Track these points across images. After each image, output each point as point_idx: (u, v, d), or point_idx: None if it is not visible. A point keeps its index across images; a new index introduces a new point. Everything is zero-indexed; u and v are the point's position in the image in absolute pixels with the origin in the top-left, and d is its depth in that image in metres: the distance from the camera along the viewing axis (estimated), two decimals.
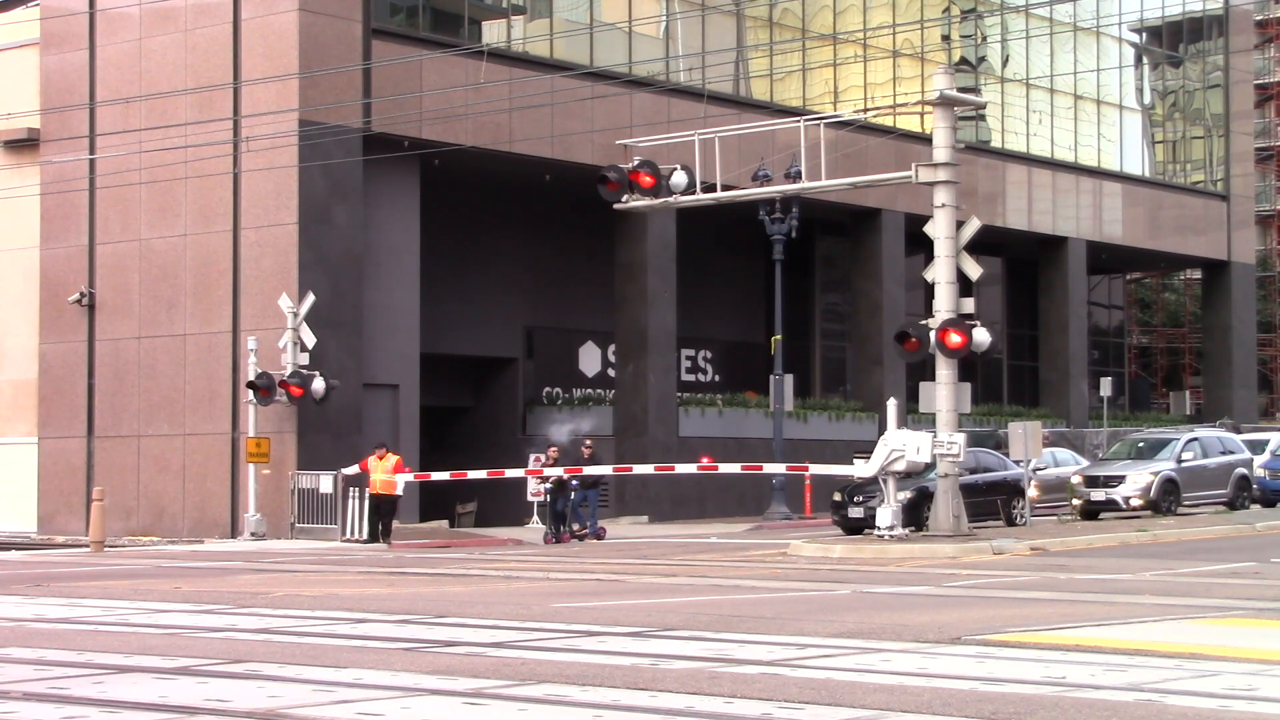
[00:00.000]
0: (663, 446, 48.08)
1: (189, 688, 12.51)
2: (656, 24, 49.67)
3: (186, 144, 41.28)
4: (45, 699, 11.96)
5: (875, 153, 47.51)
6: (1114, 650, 14.78)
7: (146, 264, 43.31)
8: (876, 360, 54.33)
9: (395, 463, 37.30)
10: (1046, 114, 61.44)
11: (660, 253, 48.64)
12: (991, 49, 60.48)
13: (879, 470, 31.32)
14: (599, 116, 45.50)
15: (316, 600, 20.73)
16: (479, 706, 11.65)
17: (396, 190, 43.28)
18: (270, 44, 41.41)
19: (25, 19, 45.92)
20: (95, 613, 19.18)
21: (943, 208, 31.62)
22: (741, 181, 39.32)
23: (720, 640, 15.67)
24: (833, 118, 37.99)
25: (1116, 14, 63.96)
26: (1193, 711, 11.40)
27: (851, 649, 14.89)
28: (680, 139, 35.86)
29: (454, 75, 43.46)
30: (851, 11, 54.95)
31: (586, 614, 18.43)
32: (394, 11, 44.26)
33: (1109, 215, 63.26)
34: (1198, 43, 69.17)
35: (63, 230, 45.04)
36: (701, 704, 11.63)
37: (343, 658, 14.34)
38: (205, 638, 16.38)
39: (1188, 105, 69.53)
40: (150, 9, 43.31)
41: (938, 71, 33.66)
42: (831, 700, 11.70)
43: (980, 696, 11.97)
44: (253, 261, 41.49)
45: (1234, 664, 13.80)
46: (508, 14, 48.46)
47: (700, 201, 34.52)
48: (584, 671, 13.26)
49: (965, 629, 16.30)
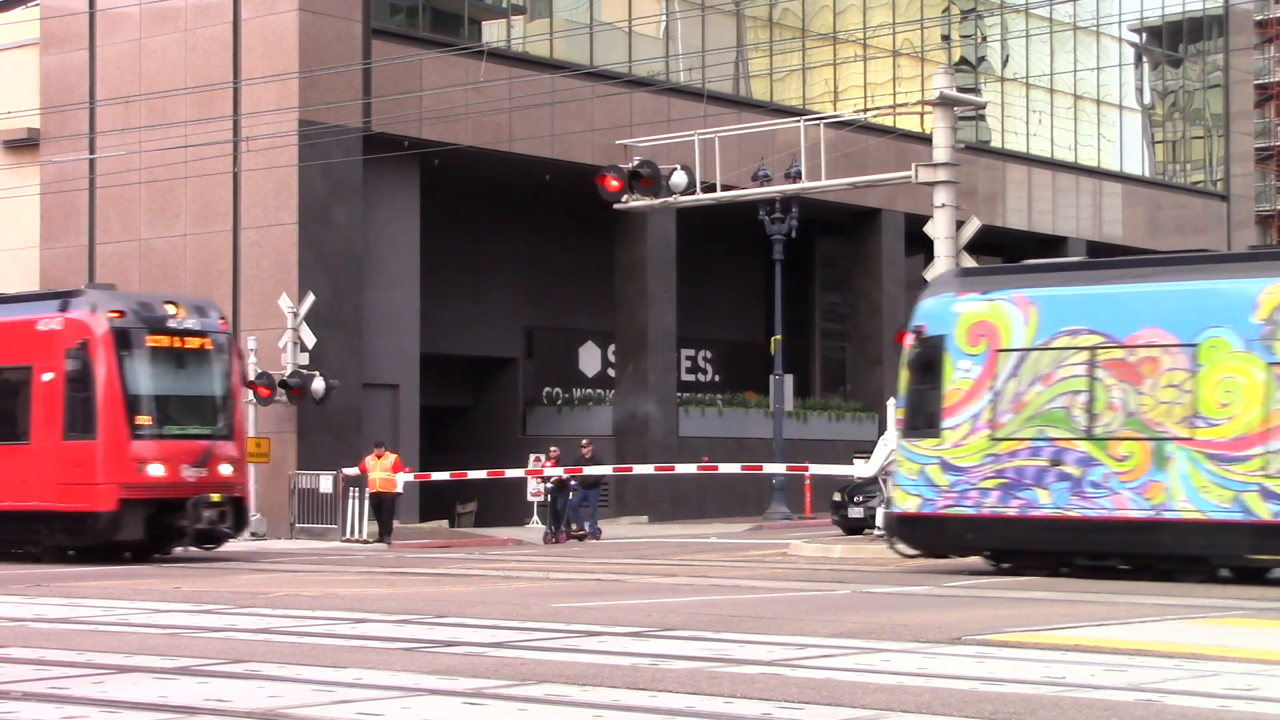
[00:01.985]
0: (663, 446, 48.09)
1: (189, 688, 12.50)
2: (656, 24, 49.67)
3: (186, 144, 41.28)
4: (45, 699, 11.96)
5: (875, 153, 47.49)
6: (1114, 650, 14.78)
7: (146, 264, 43.30)
8: (876, 360, 54.34)
9: (394, 461, 37.31)
10: (1046, 114, 61.45)
11: (660, 253, 48.65)
12: (991, 49, 60.48)
13: (879, 470, 31.31)
14: (599, 116, 45.49)
15: (316, 600, 20.73)
16: (479, 706, 11.64)
17: (396, 190, 43.28)
18: (270, 44, 41.42)
19: (25, 19, 45.93)
20: (95, 612, 19.18)
21: (943, 208, 31.61)
22: (741, 181, 39.30)
23: (720, 640, 15.66)
24: (833, 118, 37.99)
25: (1116, 14, 63.95)
26: (1193, 711, 11.40)
27: (851, 649, 14.89)
28: (680, 139, 35.85)
29: (454, 75, 43.46)
30: (851, 11, 54.95)
31: (586, 614, 18.43)
32: (394, 11, 44.27)
33: (1109, 215, 63.25)
34: (1198, 43, 69.17)
35: (63, 230, 45.05)
36: (701, 704, 11.63)
37: (342, 658, 14.34)
38: (205, 638, 16.38)
39: (1188, 105, 69.53)
40: (150, 9, 43.30)
41: (938, 71, 33.66)
42: (831, 700, 11.70)
43: (980, 696, 11.97)
44: (252, 261, 41.49)
45: (1234, 664, 13.79)
46: (508, 14, 48.47)
47: (700, 201, 34.51)
48: (584, 671, 13.25)
49: (965, 629, 16.30)
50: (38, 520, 29.59)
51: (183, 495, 29.39)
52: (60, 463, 29.28)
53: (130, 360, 29.33)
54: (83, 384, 29.02)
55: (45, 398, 29.52)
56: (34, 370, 29.67)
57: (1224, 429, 23.46)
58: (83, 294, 30.22)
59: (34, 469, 29.47)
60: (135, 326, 29.48)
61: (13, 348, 30.28)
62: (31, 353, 29.81)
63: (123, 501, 28.96)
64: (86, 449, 29.06)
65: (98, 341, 29.07)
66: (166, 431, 29.74)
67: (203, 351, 30.32)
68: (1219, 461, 23.44)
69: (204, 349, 30.33)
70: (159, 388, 29.87)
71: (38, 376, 29.59)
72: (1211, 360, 23.52)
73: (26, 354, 29.89)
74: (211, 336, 30.45)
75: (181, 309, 30.28)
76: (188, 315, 30.22)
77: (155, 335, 29.70)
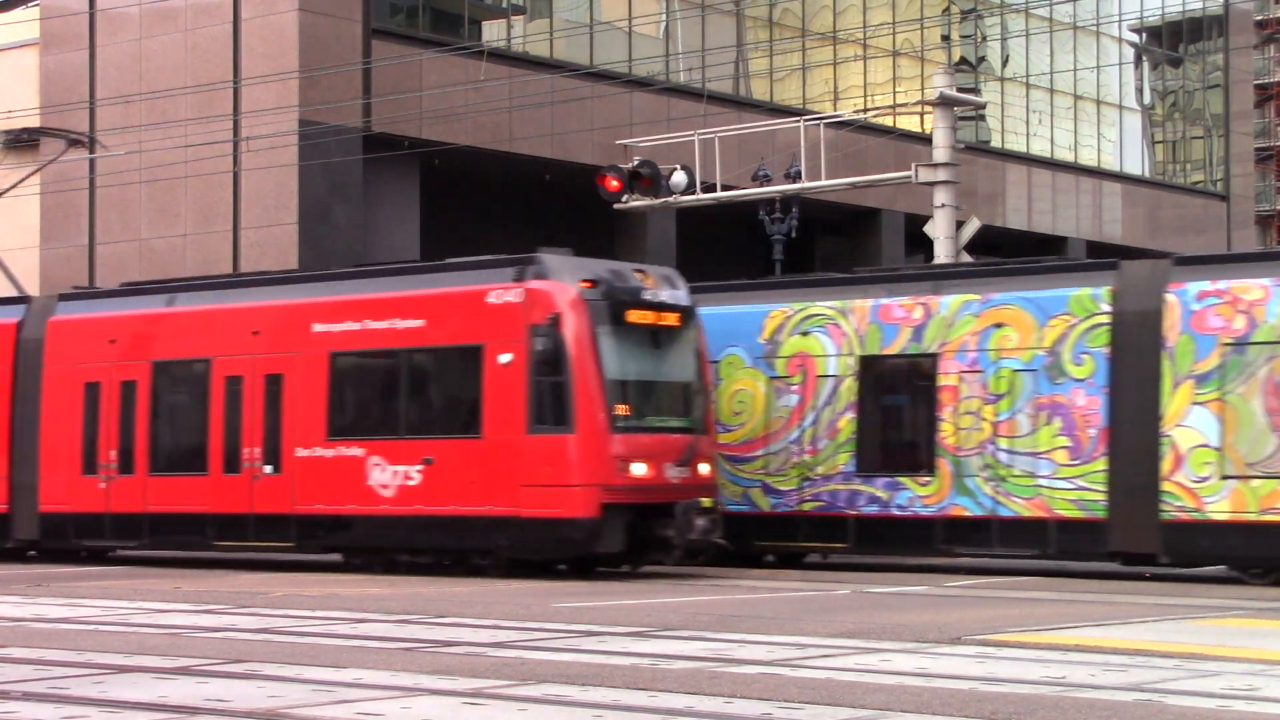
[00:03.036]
0: None
1: (189, 688, 12.50)
2: (656, 23, 49.67)
3: (187, 144, 41.29)
4: (45, 699, 11.96)
5: (875, 153, 47.49)
6: (1114, 650, 14.78)
7: (146, 264, 43.29)
8: None
9: None
10: (1046, 114, 61.44)
11: (660, 253, 48.58)
12: (991, 49, 60.48)
13: None
14: (599, 116, 45.50)
15: (316, 600, 20.74)
16: (479, 706, 11.65)
17: (396, 190, 43.27)
18: (270, 44, 41.43)
19: (25, 19, 45.93)
20: (95, 612, 19.18)
21: (943, 208, 31.64)
22: (741, 181, 39.32)
23: (720, 640, 15.67)
24: (833, 117, 38.02)
25: (1116, 14, 63.95)
26: (1193, 711, 11.40)
27: (851, 649, 14.89)
28: (680, 139, 35.89)
29: (454, 75, 43.46)
30: (851, 11, 54.95)
31: (586, 614, 18.44)
32: (394, 11, 44.27)
33: (1109, 215, 63.24)
34: (1198, 43, 69.17)
35: (63, 230, 45.05)
36: (701, 704, 11.63)
37: (342, 657, 14.34)
38: (205, 638, 16.38)
39: (1188, 105, 69.53)
40: (150, 9, 43.31)
41: (938, 72, 33.70)
42: (831, 700, 11.70)
43: (980, 696, 11.97)
44: (253, 261, 41.47)
45: (1234, 664, 13.80)
46: (508, 14, 48.48)
47: (700, 201, 34.55)
48: (584, 671, 13.26)
49: (965, 629, 16.30)
50: (491, 528, 24.98)
51: (666, 500, 24.80)
52: (525, 461, 24.63)
53: (607, 339, 24.79)
54: (553, 367, 24.45)
55: (502, 383, 24.89)
56: (486, 351, 25.09)
57: (736, 434, 27.66)
58: (540, 261, 25.27)
59: (488, 468, 24.97)
60: (610, 299, 24.94)
61: (456, 324, 25.72)
62: (482, 330, 25.21)
63: (604, 506, 24.28)
64: (558, 444, 24.51)
65: (570, 316, 24.51)
66: (647, 424, 25.21)
67: (677, 329, 25.84)
68: (733, 462, 27.52)
69: (678, 326, 25.83)
70: (638, 372, 25.55)
71: (491, 358, 25.03)
72: (729, 375, 27.84)
73: (474, 331, 25.34)
74: (683, 311, 25.96)
75: (651, 278, 26.01)
76: (659, 285, 25.88)
77: (633, 309, 25.26)
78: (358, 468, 26.19)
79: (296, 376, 27.06)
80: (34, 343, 30.47)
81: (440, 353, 26.14)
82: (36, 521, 30.08)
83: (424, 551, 26.07)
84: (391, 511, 25.84)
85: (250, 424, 27.50)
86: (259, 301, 28.07)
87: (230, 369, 27.83)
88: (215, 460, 27.88)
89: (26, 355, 30.59)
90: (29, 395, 30.32)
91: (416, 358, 26.35)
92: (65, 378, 29.83)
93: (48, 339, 30.28)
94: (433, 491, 25.47)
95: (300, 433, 26.87)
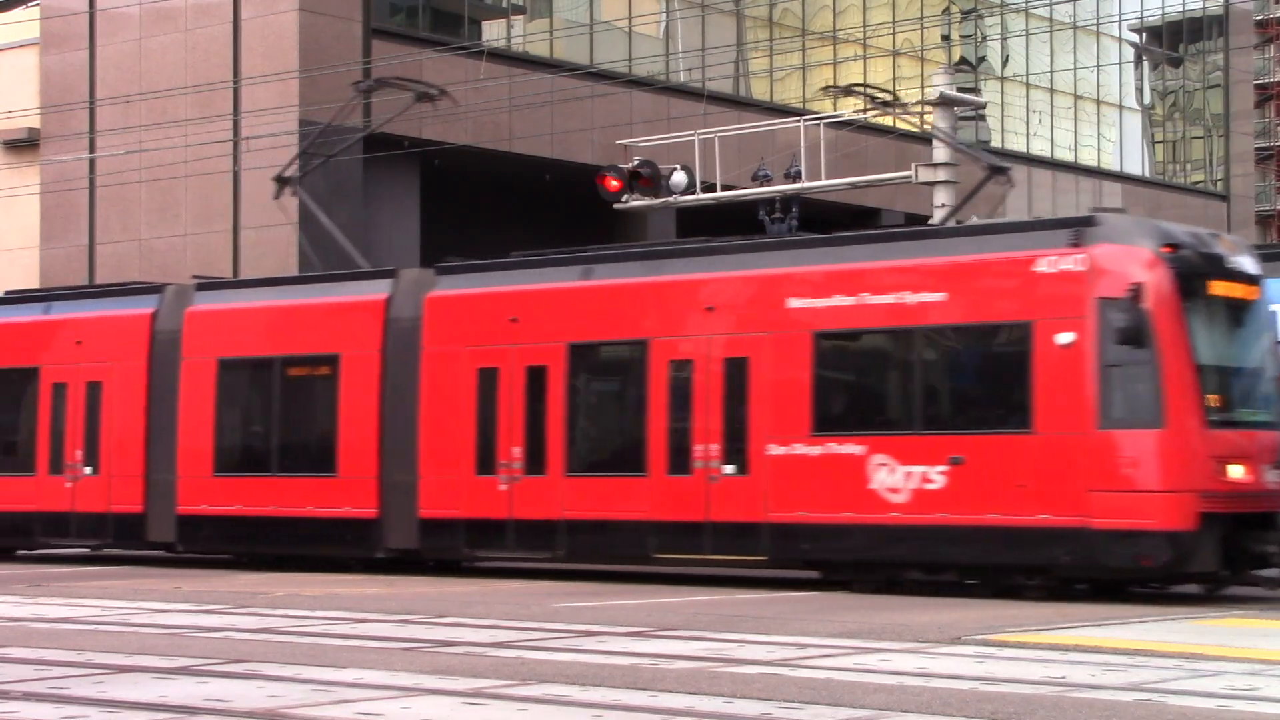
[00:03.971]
0: None
1: (189, 688, 12.50)
2: (656, 23, 49.67)
3: (186, 144, 41.28)
4: (45, 699, 11.96)
5: (875, 153, 47.50)
6: (1114, 650, 14.79)
7: (146, 264, 43.28)
8: None
9: None
10: (1046, 114, 61.44)
11: None
12: (991, 49, 60.48)
13: None
14: (599, 116, 45.50)
15: (316, 600, 20.74)
16: (478, 706, 11.65)
17: (396, 190, 43.27)
18: (270, 44, 41.42)
19: (25, 19, 45.93)
20: (95, 613, 19.18)
21: (943, 208, 31.62)
22: (741, 181, 39.30)
23: (720, 640, 15.67)
24: (833, 117, 38.00)
25: (1116, 14, 63.96)
26: (1193, 711, 11.40)
27: (851, 649, 14.90)
28: (680, 139, 35.87)
29: (454, 75, 43.42)
30: (851, 11, 54.95)
31: (586, 614, 18.44)
32: (394, 11, 44.27)
33: None
34: (1198, 43, 69.18)
35: (63, 230, 45.04)
36: (701, 704, 11.63)
37: (342, 657, 14.34)
38: (205, 638, 16.38)
39: (1188, 105, 69.54)
40: (150, 9, 43.31)
41: (938, 71, 33.70)
42: (831, 700, 11.70)
43: (980, 696, 11.97)
44: (253, 261, 41.47)
45: (1234, 664, 13.80)
46: (508, 14, 48.48)
47: (700, 201, 34.55)
48: (584, 671, 13.26)
49: (965, 629, 16.31)
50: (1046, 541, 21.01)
51: (1265, 509, 20.90)
52: (1095, 461, 20.75)
53: (1196, 317, 21.05)
54: (1135, 349, 20.57)
55: (1060, 368, 21.07)
56: (1036, 329, 21.32)
57: None
58: (1104, 220, 21.52)
59: (1042, 469, 21.06)
60: (1193, 268, 21.15)
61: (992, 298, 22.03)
62: (1030, 304, 21.38)
63: (1202, 517, 20.36)
64: (1143, 442, 20.65)
65: (1153, 289, 20.68)
66: (1240, 418, 21.32)
67: (1258, 306, 21.94)
68: None
69: (1259, 303, 21.95)
70: (1226, 356, 21.70)
71: (1043, 337, 21.19)
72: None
73: (1019, 306, 21.61)
74: (1261, 285, 22.01)
75: (1227, 241, 22.32)
76: (1239, 252, 22.06)
77: (1217, 281, 21.45)
78: (856, 468, 22.36)
79: (766, 360, 23.29)
80: (408, 322, 26.25)
81: (970, 331, 22.34)
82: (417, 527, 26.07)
83: (944, 568, 22.04)
84: (903, 520, 21.94)
85: (704, 416, 23.65)
86: (713, 273, 24.24)
87: (674, 351, 24.02)
88: (657, 459, 23.96)
89: (398, 338, 26.35)
90: (402, 384, 26.16)
91: (936, 338, 22.52)
92: (452, 362, 25.75)
93: (425, 318, 26.03)
94: (962, 496, 21.60)
95: (774, 427, 23.08)
